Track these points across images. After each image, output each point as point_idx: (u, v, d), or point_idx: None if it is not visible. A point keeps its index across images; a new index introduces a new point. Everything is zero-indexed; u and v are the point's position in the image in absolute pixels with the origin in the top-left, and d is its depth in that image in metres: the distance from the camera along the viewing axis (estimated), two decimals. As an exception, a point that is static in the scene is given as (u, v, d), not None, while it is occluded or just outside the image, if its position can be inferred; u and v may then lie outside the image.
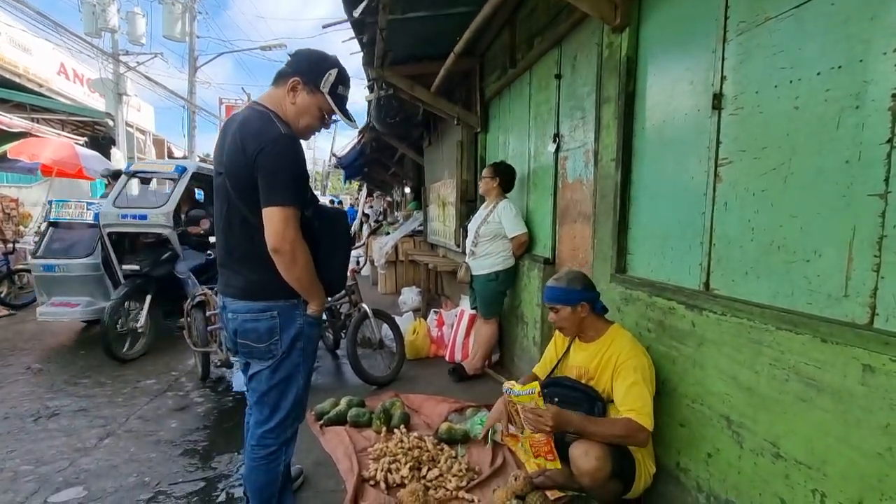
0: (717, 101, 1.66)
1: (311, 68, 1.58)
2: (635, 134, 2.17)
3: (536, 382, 1.63)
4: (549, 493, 1.99)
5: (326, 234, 1.65)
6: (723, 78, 1.65)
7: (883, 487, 1.12)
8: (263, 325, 1.55)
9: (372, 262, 7.72)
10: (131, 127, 15.50)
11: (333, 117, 1.68)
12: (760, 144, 1.50)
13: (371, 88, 4.60)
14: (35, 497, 2.17)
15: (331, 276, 1.68)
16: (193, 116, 14.86)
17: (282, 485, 1.70)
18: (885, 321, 1.15)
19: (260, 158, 1.44)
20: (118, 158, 11.63)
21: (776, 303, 1.44)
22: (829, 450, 1.25)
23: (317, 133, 1.74)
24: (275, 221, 1.44)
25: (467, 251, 3.55)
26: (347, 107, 1.71)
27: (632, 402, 1.64)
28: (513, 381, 1.84)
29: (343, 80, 1.62)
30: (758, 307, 1.47)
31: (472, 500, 2.02)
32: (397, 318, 3.90)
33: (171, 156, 22.74)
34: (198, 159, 17.39)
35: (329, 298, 3.69)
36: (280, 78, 1.61)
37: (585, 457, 1.60)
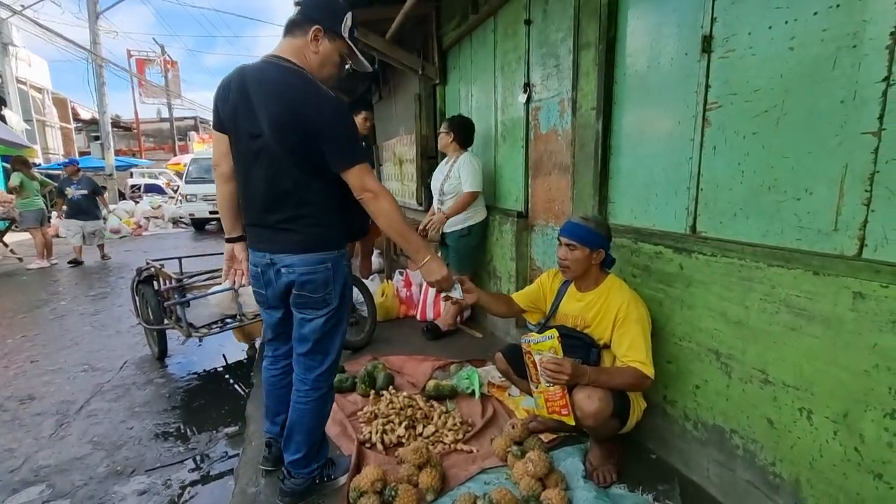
0: (707, 43, 1.66)
1: (329, 14, 1.55)
2: (616, 81, 2.15)
3: (554, 329, 1.65)
4: (542, 437, 2.07)
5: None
6: (713, 20, 1.64)
7: (868, 400, 1.24)
8: (320, 276, 1.64)
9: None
10: (24, 84, 13.51)
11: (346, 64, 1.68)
12: (752, 87, 1.52)
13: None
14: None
15: (363, 220, 1.72)
16: (101, 71, 13.11)
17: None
18: (873, 251, 1.24)
19: (323, 123, 1.46)
20: (15, 122, 10.15)
21: (766, 241, 1.51)
22: (816, 372, 1.37)
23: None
24: (363, 178, 1.51)
25: (434, 210, 3.46)
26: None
27: (636, 354, 1.71)
28: (531, 332, 1.85)
29: (356, 23, 1.62)
30: (749, 246, 1.54)
31: (472, 451, 2.06)
32: (364, 282, 3.80)
33: (76, 117, 20.16)
34: (110, 120, 15.56)
35: None
36: (295, 27, 1.55)
37: (589, 399, 1.66)
